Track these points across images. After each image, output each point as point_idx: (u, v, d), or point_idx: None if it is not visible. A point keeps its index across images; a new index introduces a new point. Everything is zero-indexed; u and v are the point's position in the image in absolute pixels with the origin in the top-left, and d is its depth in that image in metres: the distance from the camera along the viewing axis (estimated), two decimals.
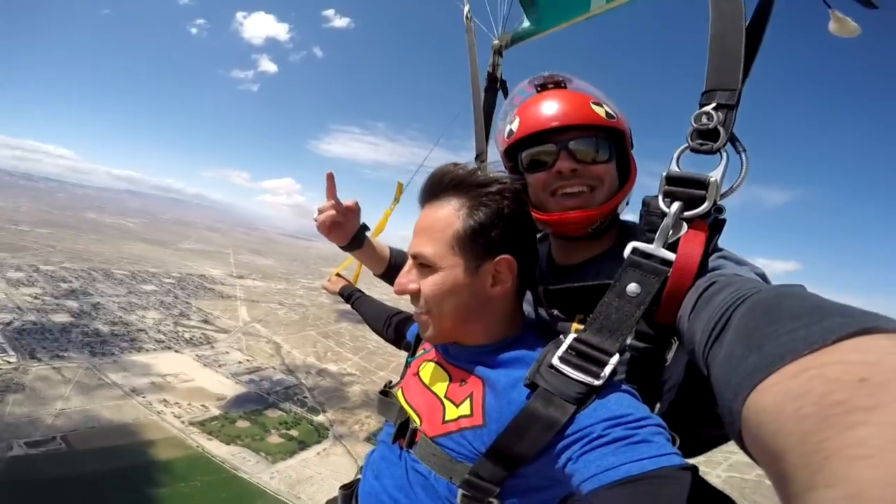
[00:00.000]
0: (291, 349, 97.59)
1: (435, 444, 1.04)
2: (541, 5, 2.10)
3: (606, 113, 1.26)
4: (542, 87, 1.37)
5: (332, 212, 1.57)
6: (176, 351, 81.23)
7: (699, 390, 1.17)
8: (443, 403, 1.10)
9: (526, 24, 2.15)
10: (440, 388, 1.15)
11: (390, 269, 1.92)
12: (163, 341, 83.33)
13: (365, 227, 1.74)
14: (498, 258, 1.07)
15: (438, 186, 1.11)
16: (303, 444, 61.81)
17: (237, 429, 61.08)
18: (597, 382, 0.84)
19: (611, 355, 0.87)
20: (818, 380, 0.39)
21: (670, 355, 1.05)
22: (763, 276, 0.94)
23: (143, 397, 62.28)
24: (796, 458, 0.36)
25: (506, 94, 2.06)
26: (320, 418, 70.34)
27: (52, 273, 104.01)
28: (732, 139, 0.95)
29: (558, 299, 1.29)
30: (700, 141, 0.97)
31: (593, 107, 1.25)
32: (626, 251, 0.96)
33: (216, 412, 63.73)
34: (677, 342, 1.03)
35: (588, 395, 0.84)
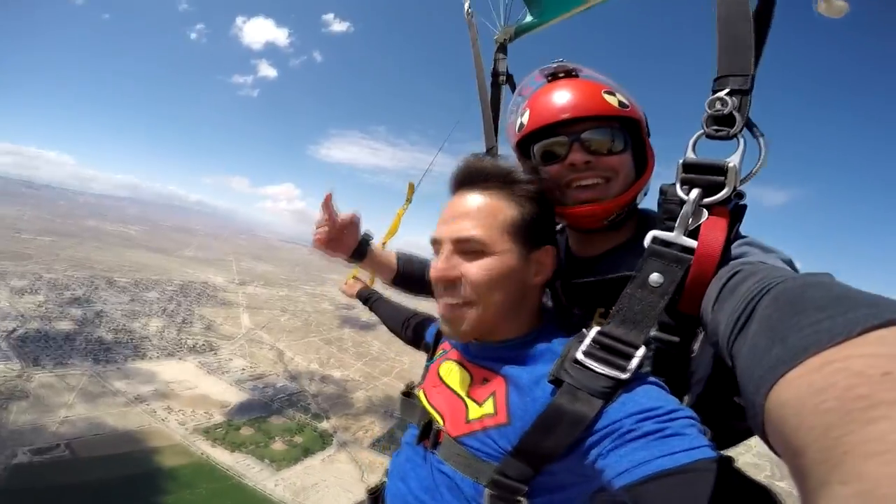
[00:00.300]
0: (294, 356, 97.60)
1: (459, 444, 1.02)
2: None
3: (619, 102, 1.22)
4: (553, 77, 1.34)
5: (326, 228, 1.56)
6: (179, 358, 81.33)
7: (728, 382, 1.11)
8: (465, 403, 1.08)
9: (529, 17, 2.11)
10: (462, 387, 1.12)
11: (399, 275, 1.92)
12: (166, 349, 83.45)
13: (367, 238, 1.73)
14: (543, 248, 1.09)
15: (479, 175, 1.09)
16: (307, 451, 61.78)
17: (241, 436, 61.04)
18: (623, 376, 0.82)
19: (636, 348, 0.85)
20: (842, 373, 0.38)
21: (696, 346, 1.01)
22: (790, 263, 0.92)
23: (148, 405, 62.34)
24: (816, 452, 0.36)
25: (513, 89, 1.99)
26: (324, 425, 70.27)
27: (56, 281, 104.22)
28: (749, 124, 0.93)
29: (578, 293, 1.26)
30: (716, 127, 0.95)
31: (605, 96, 1.21)
32: (647, 240, 0.94)
33: (220, 419, 63.73)
34: (703, 333, 0.99)
35: (615, 389, 0.82)
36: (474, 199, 1.07)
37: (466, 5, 2.09)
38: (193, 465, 52.68)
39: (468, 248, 1.04)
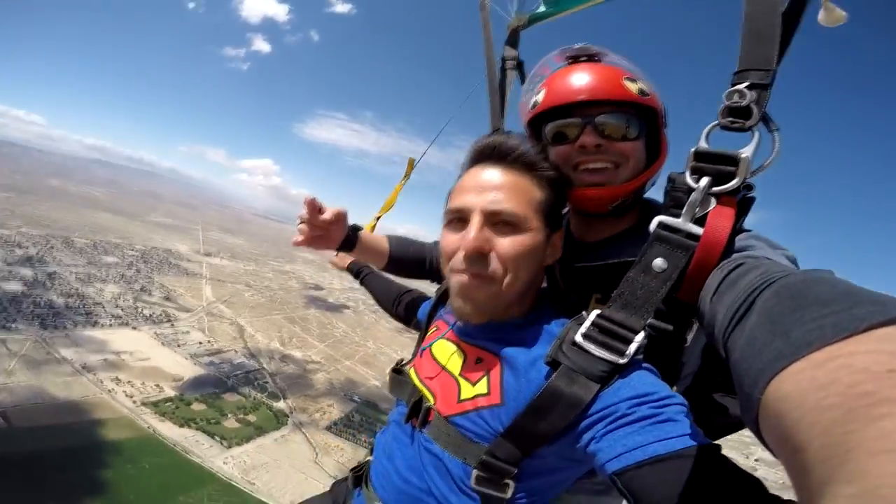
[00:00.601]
0: (255, 332, 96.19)
1: (449, 424, 1.01)
2: None
3: (640, 90, 1.20)
4: (574, 60, 1.30)
5: (305, 227, 1.49)
6: (133, 328, 79.08)
7: (712, 379, 1.15)
8: (458, 382, 1.06)
9: (542, 7, 2.13)
10: (455, 366, 1.11)
11: (392, 260, 1.83)
12: (120, 317, 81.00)
13: (356, 228, 1.66)
14: (558, 231, 1.12)
15: (508, 154, 1.08)
16: (261, 430, 61.23)
17: (192, 411, 59.82)
18: (622, 360, 0.82)
19: (636, 333, 0.85)
20: (845, 369, 0.38)
21: (690, 336, 1.02)
22: (794, 261, 0.92)
23: (94, 374, 60.29)
24: (818, 450, 0.35)
25: (522, 75, 2.03)
26: (280, 405, 69.69)
27: (7, 238, 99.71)
28: (765, 118, 0.93)
29: (576, 277, 1.27)
30: (731, 119, 0.95)
31: (626, 82, 1.20)
32: (652, 225, 0.93)
33: (171, 393, 62.28)
34: (698, 323, 0.97)
35: (612, 373, 0.83)
36: (503, 175, 1.06)
37: None
38: (138, 439, 51.33)
39: (500, 221, 1.02)
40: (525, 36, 2.15)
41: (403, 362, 1.31)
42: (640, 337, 0.84)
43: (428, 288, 1.89)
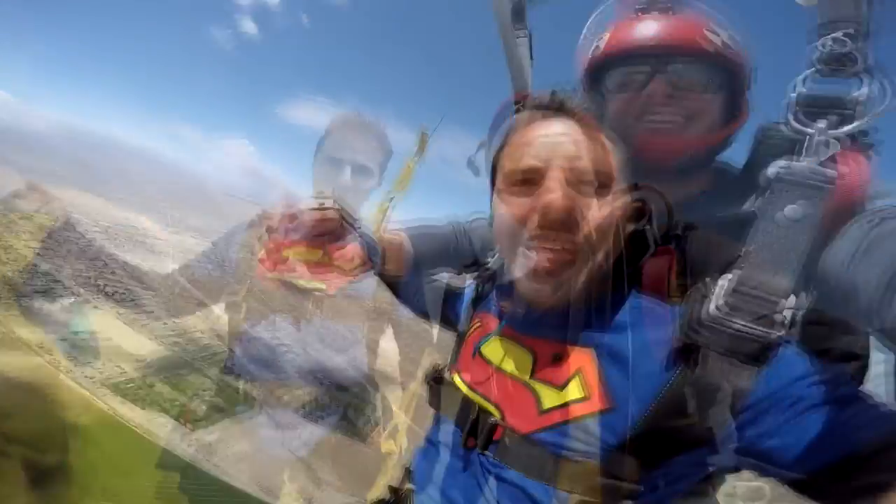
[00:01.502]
0: (223, 314, 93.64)
1: (532, 443, 0.78)
2: None
3: (723, 42, 1.05)
4: (644, 11, 1.13)
5: None
6: (95, 306, 75.56)
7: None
8: (532, 389, 0.83)
9: None
10: (523, 369, 0.86)
11: (417, 265, 1.39)
12: (80, 294, 77.47)
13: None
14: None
15: (579, 107, 0.86)
16: (226, 412, 59.15)
17: (155, 393, 56.78)
18: (778, 333, 0.65)
19: (785, 297, 0.67)
20: None
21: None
22: None
23: (51, 355, 57.55)
24: None
25: (530, 48, 1.71)
26: (248, 387, 67.90)
27: None
28: (871, 66, 0.82)
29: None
30: (833, 65, 0.83)
31: (707, 32, 1.04)
32: (772, 170, 0.77)
33: (133, 374, 59.93)
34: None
35: (767, 349, 0.65)
36: (579, 129, 0.82)
37: None
38: (97, 422, 49.20)
39: (582, 182, 0.78)
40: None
41: (442, 367, 1.05)
42: (791, 301, 0.67)
43: None
